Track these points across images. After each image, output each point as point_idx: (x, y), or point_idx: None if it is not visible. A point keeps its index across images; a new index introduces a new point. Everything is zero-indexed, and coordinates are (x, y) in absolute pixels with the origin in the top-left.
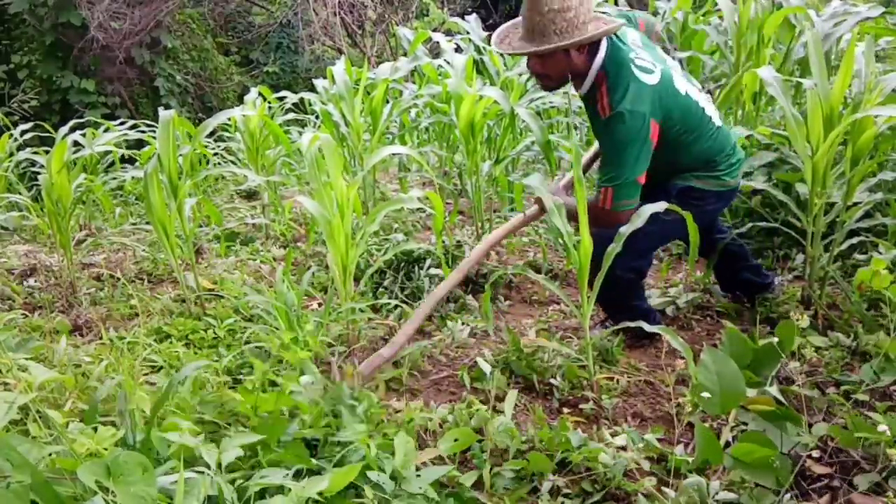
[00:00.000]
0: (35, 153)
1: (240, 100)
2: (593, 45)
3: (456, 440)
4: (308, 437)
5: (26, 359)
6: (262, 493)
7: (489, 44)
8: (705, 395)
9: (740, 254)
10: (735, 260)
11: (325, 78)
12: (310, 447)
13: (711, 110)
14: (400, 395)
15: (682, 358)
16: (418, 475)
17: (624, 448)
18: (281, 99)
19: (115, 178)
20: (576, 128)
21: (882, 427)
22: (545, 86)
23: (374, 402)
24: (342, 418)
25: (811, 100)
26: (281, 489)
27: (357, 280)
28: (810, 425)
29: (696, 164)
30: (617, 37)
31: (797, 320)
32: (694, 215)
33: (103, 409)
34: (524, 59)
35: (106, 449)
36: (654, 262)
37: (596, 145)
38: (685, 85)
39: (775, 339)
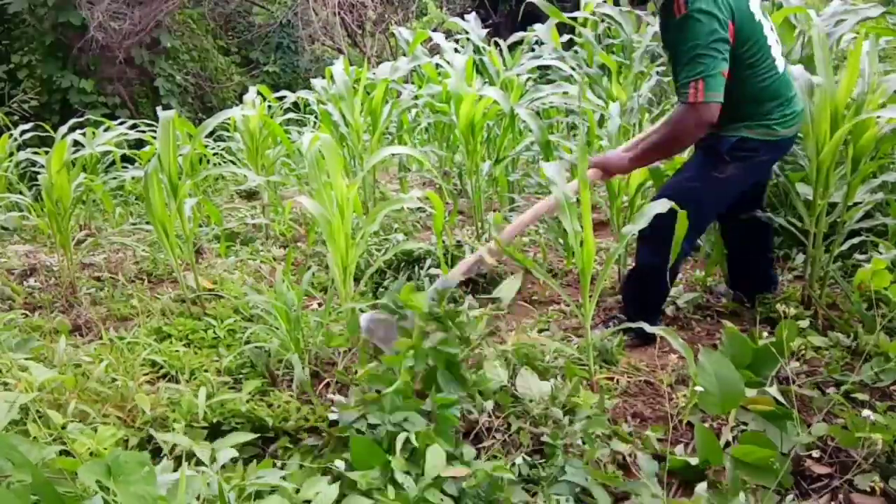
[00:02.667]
0: (35, 153)
1: (240, 100)
2: None
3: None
4: None
5: (26, 359)
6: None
7: (489, 44)
8: (698, 388)
9: (764, 238)
10: (755, 244)
11: (324, 78)
12: None
13: (777, 52)
14: None
15: (683, 358)
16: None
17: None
18: (280, 99)
19: (115, 178)
20: (575, 128)
21: (866, 412)
22: None
23: None
24: None
25: (819, 98)
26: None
27: (357, 280)
28: (810, 425)
29: (748, 103)
30: None
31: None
32: (747, 169)
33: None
34: (524, 59)
35: (106, 449)
36: None
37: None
38: (759, 12)
39: (775, 339)
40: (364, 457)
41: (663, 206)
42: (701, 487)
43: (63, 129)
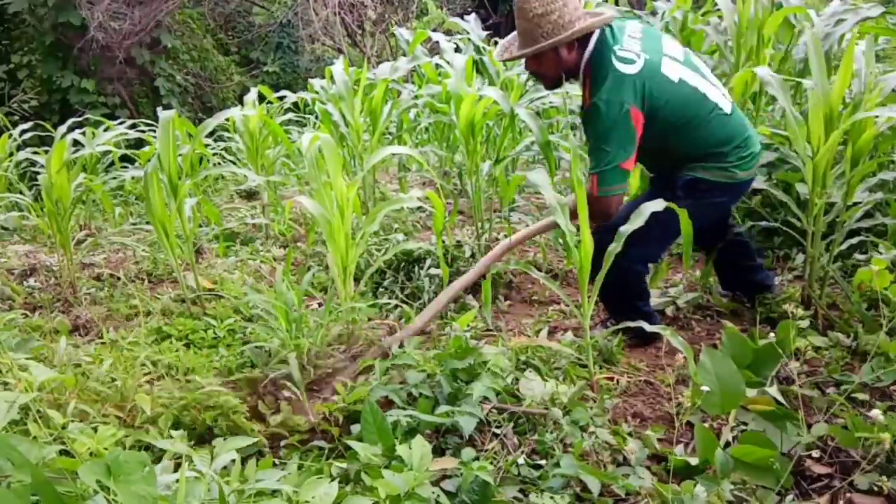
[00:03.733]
0: (35, 153)
1: (240, 100)
2: (583, 42)
3: None
4: None
5: (26, 358)
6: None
7: (489, 44)
8: (704, 388)
9: (746, 251)
10: (740, 257)
11: (324, 78)
12: None
13: (718, 97)
14: None
15: (683, 357)
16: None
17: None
18: (280, 98)
19: (115, 178)
20: (574, 127)
21: (875, 412)
22: (545, 85)
23: None
24: None
25: (812, 100)
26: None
27: (357, 280)
28: (810, 425)
29: (699, 152)
30: (612, 30)
31: (795, 316)
32: (700, 208)
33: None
34: (524, 61)
35: (106, 448)
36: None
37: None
38: (681, 72)
39: (775, 339)
40: (373, 429)
41: (659, 205)
42: (700, 489)
43: (62, 128)
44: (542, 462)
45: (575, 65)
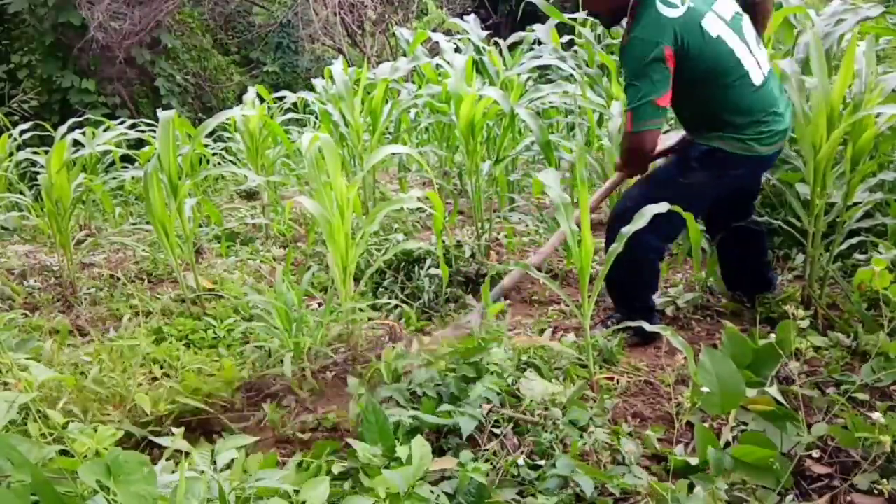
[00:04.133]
0: (35, 153)
1: (240, 100)
2: None
3: None
4: None
5: (26, 358)
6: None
7: (489, 44)
8: (705, 389)
9: (759, 245)
10: (752, 250)
11: (324, 78)
12: None
13: (752, 66)
14: None
15: (683, 357)
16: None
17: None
18: (280, 99)
19: (114, 178)
20: (574, 127)
21: (876, 414)
22: (602, 22)
23: None
24: None
25: (813, 100)
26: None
27: (357, 280)
28: (810, 425)
29: (718, 116)
30: None
31: (795, 316)
32: (714, 180)
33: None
34: (524, 59)
35: (106, 448)
36: None
37: (605, 185)
38: (721, 30)
39: (775, 339)
40: (374, 429)
41: (661, 207)
42: (698, 488)
43: (62, 128)
44: (542, 462)
45: (624, 4)
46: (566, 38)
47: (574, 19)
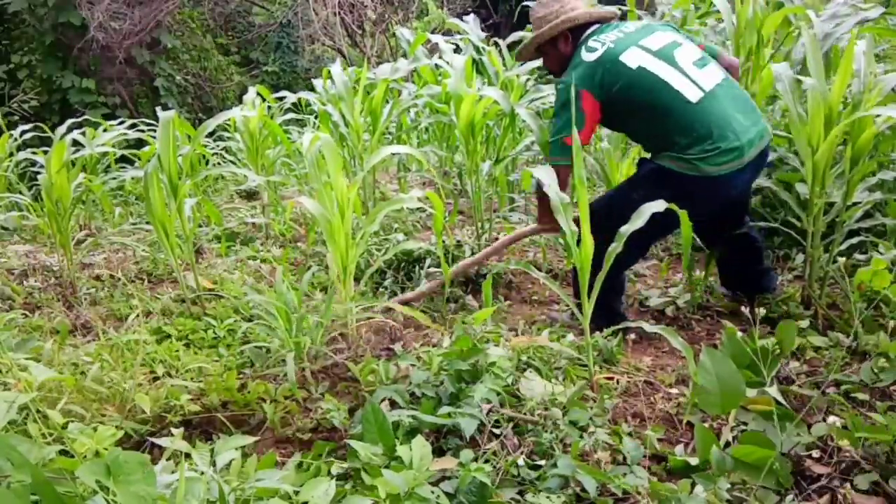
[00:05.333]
0: (35, 153)
1: (240, 100)
2: (578, 36)
3: None
4: None
5: (26, 358)
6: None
7: (488, 44)
8: (704, 393)
9: (756, 253)
10: (749, 257)
11: (323, 78)
12: None
13: (684, 85)
14: None
15: (683, 357)
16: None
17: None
18: (280, 99)
19: (114, 178)
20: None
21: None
22: (555, 75)
23: None
24: None
25: (811, 99)
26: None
27: (357, 280)
28: (810, 425)
29: (663, 137)
30: (608, 26)
31: (796, 317)
32: (666, 197)
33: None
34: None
35: (106, 448)
36: (654, 261)
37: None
38: (644, 61)
39: (775, 339)
40: (374, 429)
41: (659, 206)
42: (698, 488)
43: (62, 129)
44: (542, 462)
45: (569, 56)
46: None
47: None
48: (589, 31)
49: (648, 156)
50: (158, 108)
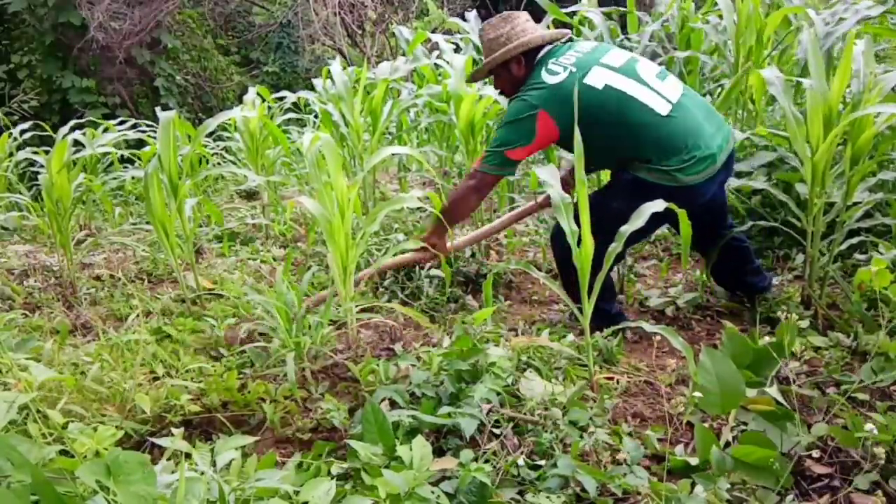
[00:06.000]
0: (35, 153)
1: (240, 100)
2: (531, 58)
3: None
4: None
5: (27, 358)
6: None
7: None
8: (704, 393)
9: (744, 256)
10: (737, 259)
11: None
12: None
13: (651, 99)
14: None
15: (683, 358)
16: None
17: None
18: (280, 99)
19: (115, 178)
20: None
21: (869, 426)
22: (506, 96)
23: None
24: None
25: (811, 99)
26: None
27: (357, 282)
28: (810, 425)
29: (636, 153)
30: (562, 47)
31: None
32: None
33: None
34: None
35: (106, 448)
36: (654, 262)
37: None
38: (610, 79)
39: (775, 339)
40: (374, 429)
41: (659, 205)
42: (698, 488)
43: (64, 129)
44: (542, 462)
45: (525, 80)
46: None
47: (572, 15)
48: (544, 53)
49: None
50: (158, 109)
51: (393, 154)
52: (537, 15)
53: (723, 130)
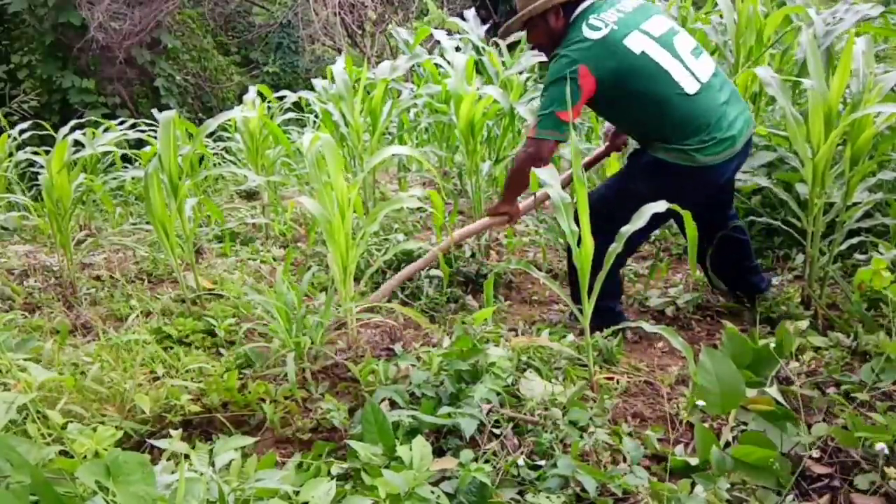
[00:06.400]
0: (35, 153)
1: (240, 100)
2: (570, 12)
3: None
4: None
5: (26, 359)
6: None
7: (488, 44)
8: (704, 393)
9: (744, 250)
10: (738, 253)
11: (324, 78)
12: None
13: (683, 77)
14: None
15: (683, 357)
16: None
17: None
18: (280, 98)
19: (115, 178)
20: (575, 127)
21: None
22: (546, 54)
23: None
24: None
25: (811, 100)
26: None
27: (357, 280)
28: (810, 425)
29: (658, 129)
30: (604, 3)
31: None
32: (659, 188)
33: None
34: (524, 58)
35: (105, 449)
36: (654, 261)
37: (595, 150)
38: (647, 46)
39: (775, 339)
40: (374, 429)
41: (661, 206)
42: (698, 488)
43: (64, 129)
44: (542, 462)
45: (563, 32)
46: None
47: None
48: (584, 7)
49: (638, 147)
50: (154, 110)
51: (393, 154)
52: None
53: (745, 115)
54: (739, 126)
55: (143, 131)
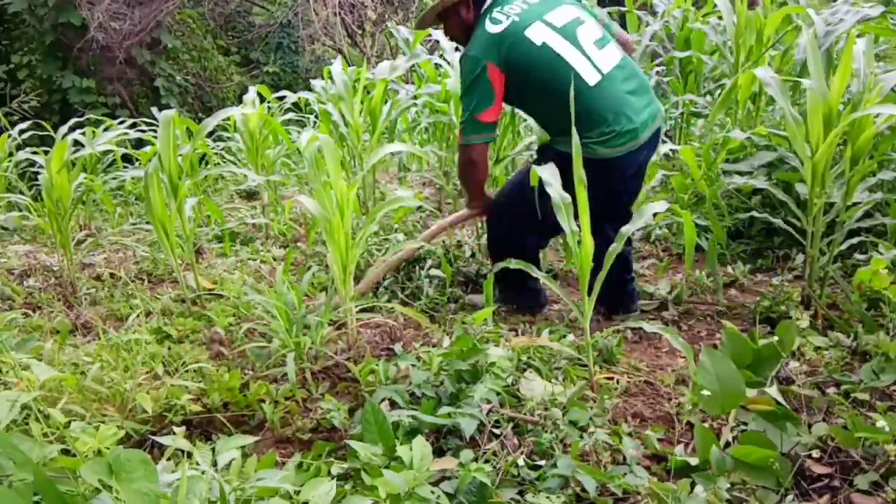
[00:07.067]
0: (35, 153)
1: (240, 100)
2: (480, 3)
3: None
4: None
5: (27, 358)
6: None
7: None
8: (705, 393)
9: (626, 260)
10: (619, 264)
11: (324, 78)
12: None
13: (583, 67)
14: None
15: (683, 357)
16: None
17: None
18: (280, 98)
19: (115, 178)
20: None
21: (881, 423)
22: (462, 46)
23: None
24: None
25: (811, 100)
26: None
27: (357, 280)
28: (810, 425)
29: (559, 122)
30: None
31: (797, 319)
32: (566, 185)
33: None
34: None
35: (108, 447)
36: (653, 261)
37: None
38: (548, 38)
39: (775, 339)
40: (374, 429)
41: (662, 206)
42: (698, 488)
43: (63, 129)
44: (542, 462)
45: (475, 25)
46: None
47: None
48: (492, 1)
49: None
50: (154, 109)
51: (393, 153)
52: None
53: (651, 107)
54: (644, 118)
55: (143, 131)
